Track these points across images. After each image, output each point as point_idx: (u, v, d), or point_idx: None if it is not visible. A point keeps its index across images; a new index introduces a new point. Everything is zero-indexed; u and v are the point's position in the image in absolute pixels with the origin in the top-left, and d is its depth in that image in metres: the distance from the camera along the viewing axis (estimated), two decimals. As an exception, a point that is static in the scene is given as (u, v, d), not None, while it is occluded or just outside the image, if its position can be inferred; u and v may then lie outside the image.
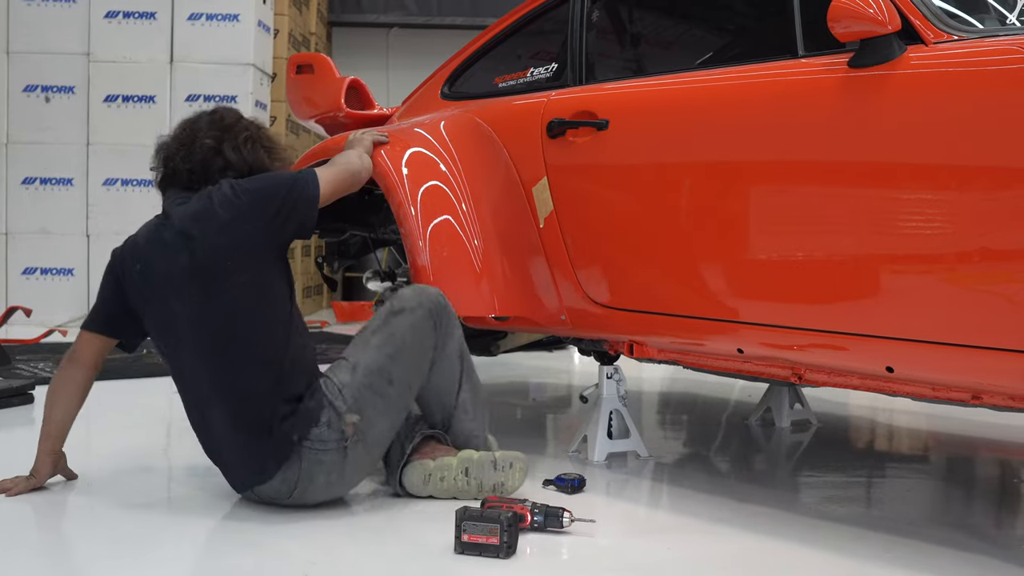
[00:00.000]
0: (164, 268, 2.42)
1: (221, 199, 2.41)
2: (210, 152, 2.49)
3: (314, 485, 2.38)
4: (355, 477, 2.47)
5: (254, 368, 2.37)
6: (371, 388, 2.42)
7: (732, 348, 2.53)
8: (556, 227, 2.87)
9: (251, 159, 2.53)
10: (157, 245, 2.46)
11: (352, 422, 2.38)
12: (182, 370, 2.46)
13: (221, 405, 2.38)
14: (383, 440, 2.47)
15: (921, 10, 2.18)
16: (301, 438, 2.35)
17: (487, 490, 2.46)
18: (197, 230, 2.40)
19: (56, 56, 6.49)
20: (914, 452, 3.42)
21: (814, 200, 2.29)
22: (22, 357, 4.79)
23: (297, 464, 2.35)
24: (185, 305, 2.39)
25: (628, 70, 3.14)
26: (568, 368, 5.24)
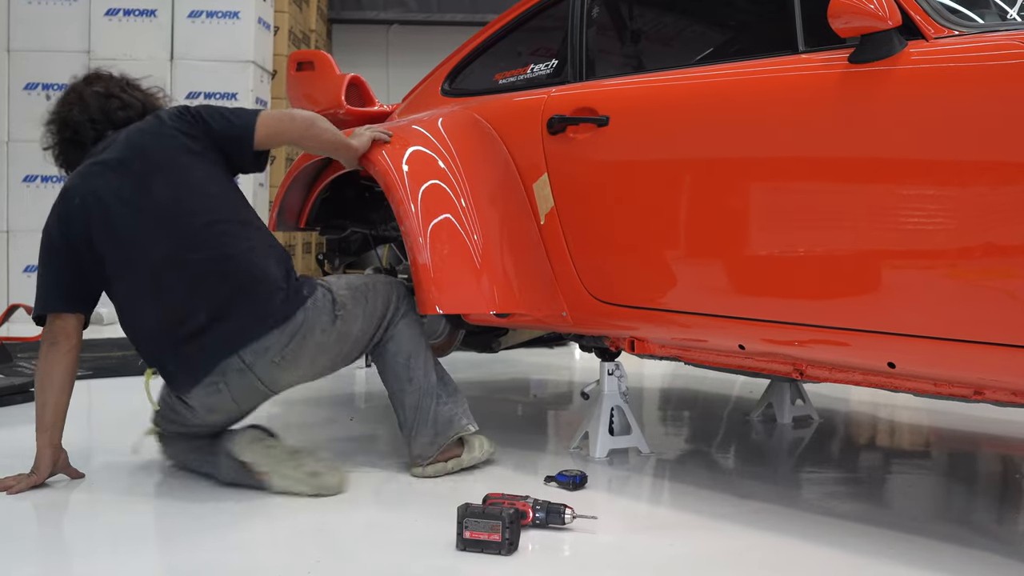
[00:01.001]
0: (116, 185, 2.54)
1: (166, 115, 2.63)
2: (102, 98, 2.67)
3: (310, 340, 2.56)
4: (331, 354, 2.65)
5: (246, 238, 2.57)
6: (355, 293, 2.69)
7: (733, 344, 2.53)
8: (557, 223, 2.87)
9: (140, 96, 2.74)
10: (101, 176, 2.56)
11: (343, 303, 2.64)
12: (159, 277, 2.53)
13: (218, 275, 2.51)
14: (356, 343, 2.70)
15: (921, 5, 2.18)
16: (308, 292, 2.58)
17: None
18: (146, 139, 2.59)
19: (57, 54, 6.49)
20: (916, 448, 3.42)
21: (815, 196, 2.29)
22: (23, 355, 4.79)
23: (301, 316, 2.54)
24: (155, 204, 2.53)
25: (628, 66, 3.13)
26: (569, 365, 5.24)
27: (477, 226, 2.96)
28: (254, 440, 2.58)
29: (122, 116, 2.66)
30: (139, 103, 2.72)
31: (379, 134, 3.00)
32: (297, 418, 3.59)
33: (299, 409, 3.73)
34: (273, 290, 2.54)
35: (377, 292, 2.75)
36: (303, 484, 2.51)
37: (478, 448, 2.78)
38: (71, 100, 2.70)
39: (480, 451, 2.78)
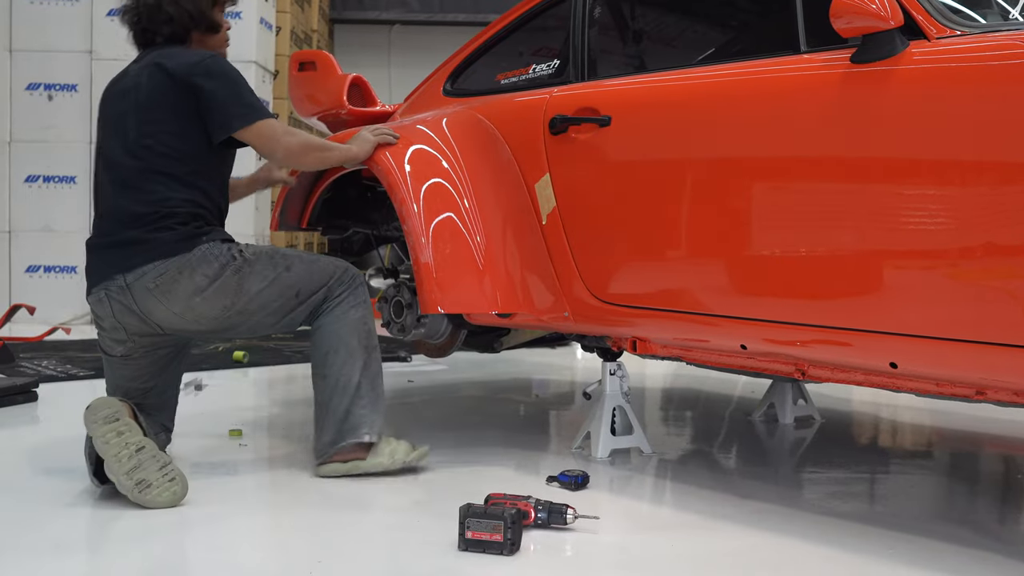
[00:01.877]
0: (129, 83, 2.73)
1: (188, 59, 2.67)
2: (153, 9, 2.74)
3: (186, 278, 2.57)
4: (205, 305, 2.61)
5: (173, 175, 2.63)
6: (271, 257, 2.68)
7: (735, 344, 2.53)
8: (559, 223, 2.87)
9: (191, 8, 2.76)
10: (118, 82, 2.81)
11: (245, 255, 2.64)
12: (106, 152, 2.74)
13: (145, 193, 2.61)
14: (258, 306, 2.65)
15: (924, 5, 2.17)
16: (207, 240, 2.62)
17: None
18: (152, 68, 2.67)
19: (59, 54, 6.49)
20: (918, 448, 3.42)
21: (817, 196, 2.29)
22: (26, 355, 4.79)
23: (183, 257, 2.58)
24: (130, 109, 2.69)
25: (630, 66, 3.13)
26: (571, 365, 5.24)
27: (479, 226, 2.97)
28: (109, 418, 2.48)
29: (168, 29, 2.77)
30: (187, 16, 2.77)
31: (384, 136, 3.00)
32: (300, 416, 3.59)
33: (301, 410, 3.73)
34: (170, 226, 2.59)
35: (307, 269, 2.71)
36: (128, 492, 2.39)
37: (387, 455, 2.68)
38: (128, 4, 2.82)
39: (389, 459, 2.68)
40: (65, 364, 4.60)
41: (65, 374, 4.34)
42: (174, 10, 2.74)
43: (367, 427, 2.67)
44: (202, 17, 2.79)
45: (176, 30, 2.76)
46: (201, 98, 2.63)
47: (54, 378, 4.22)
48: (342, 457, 2.67)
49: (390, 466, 2.68)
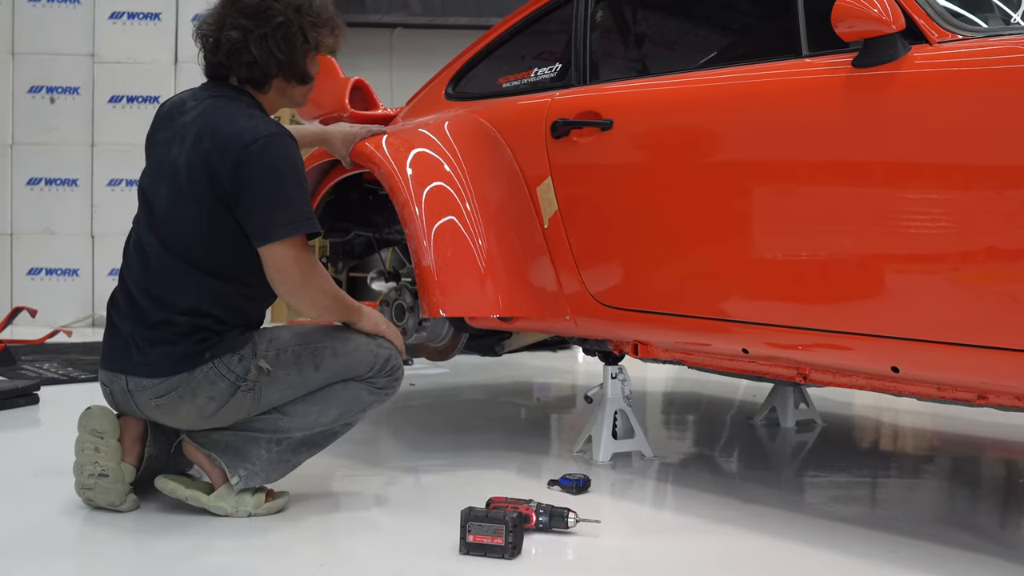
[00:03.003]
0: (168, 138, 2.43)
1: (233, 138, 2.30)
2: (236, 45, 2.38)
3: (187, 403, 2.33)
4: (219, 420, 2.38)
5: (201, 275, 2.34)
6: (296, 358, 2.39)
7: (737, 348, 2.53)
8: (560, 227, 2.87)
9: (282, 56, 2.40)
10: (174, 118, 2.45)
11: (261, 367, 2.35)
12: (138, 237, 2.45)
13: (154, 289, 2.35)
14: (267, 407, 2.41)
15: (925, 10, 2.17)
16: (212, 357, 2.33)
17: None
18: (199, 131, 2.35)
19: (61, 57, 6.50)
20: (919, 452, 3.41)
21: (819, 200, 2.29)
22: (27, 358, 4.80)
23: (182, 378, 2.31)
24: (168, 187, 2.39)
25: (632, 70, 3.13)
26: (572, 368, 5.24)
27: (481, 229, 2.97)
28: (95, 432, 2.40)
29: (249, 72, 2.41)
30: (274, 63, 2.39)
31: (358, 131, 2.92)
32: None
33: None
34: (168, 338, 2.33)
35: (342, 364, 2.43)
36: (78, 489, 2.39)
37: (233, 504, 2.38)
38: (212, 26, 2.43)
39: (233, 508, 2.38)
40: (67, 367, 4.60)
41: (66, 377, 4.34)
42: (261, 54, 2.38)
43: (249, 471, 2.38)
44: (294, 68, 2.44)
45: (256, 75, 2.42)
46: (244, 199, 2.31)
47: (55, 381, 4.22)
48: (199, 474, 2.47)
49: (232, 513, 2.37)
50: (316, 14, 2.45)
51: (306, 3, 2.44)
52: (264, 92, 2.46)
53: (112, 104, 6.50)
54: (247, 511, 2.38)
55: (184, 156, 2.36)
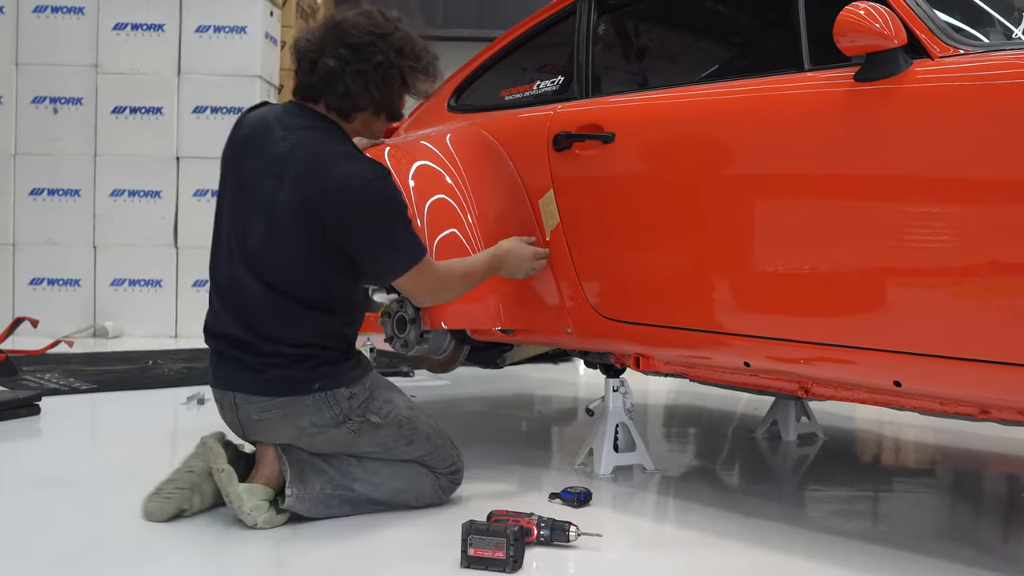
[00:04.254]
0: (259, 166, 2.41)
1: (340, 185, 2.31)
2: (331, 74, 2.38)
3: (289, 423, 2.39)
4: (311, 445, 2.43)
5: (305, 310, 2.39)
6: (399, 427, 2.49)
7: (739, 361, 2.53)
8: (562, 239, 2.87)
9: (377, 94, 2.41)
10: (263, 142, 2.42)
11: (372, 421, 2.44)
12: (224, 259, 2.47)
13: (259, 326, 2.38)
14: (353, 452, 2.48)
15: (927, 24, 2.18)
16: (322, 388, 2.39)
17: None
18: (301, 171, 2.34)
19: (65, 68, 6.52)
20: (921, 466, 3.41)
21: (821, 213, 2.29)
22: (29, 368, 4.80)
23: (296, 399, 2.37)
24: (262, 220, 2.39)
25: (634, 83, 3.14)
26: (573, 380, 5.24)
27: (483, 242, 2.97)
28: (216, 441, 2.44)
29: (340, 101, 2.41)
30: (367, 99, 2.40)
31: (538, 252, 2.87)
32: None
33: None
34: (279, 363, 2.38)
35: (427, 449, 2.52)
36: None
37: (248, 511, 2.36)
38: (312, 48, 2.41)
39: (249, 517, 2.35)
40: (68, 377, 4.60)
41: (68, 387, 4.34)
42: (356, 89, 2.38)
43: (299, 496, 2.39)
44: (386, 106, 2.46)
45: (345, 106, 2.42)
46: (354, 243, 2.37)
47: (56, 391, 4.22)
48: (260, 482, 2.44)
49: (245, 512, 2.35)
50: (417, 57, 2.46)
51: (408, 45, 2.45)
52: (349, 122, 2.47)
53: (115, 115, 6.52)
54: (255, 520, 2.35)
55: (284, 195, 2.35)
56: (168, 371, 4.94)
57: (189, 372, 4.89)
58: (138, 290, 6.55)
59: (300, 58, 2.44)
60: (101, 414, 3.98)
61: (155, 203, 6.55)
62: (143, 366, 5.10)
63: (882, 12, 2.13)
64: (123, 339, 6.41)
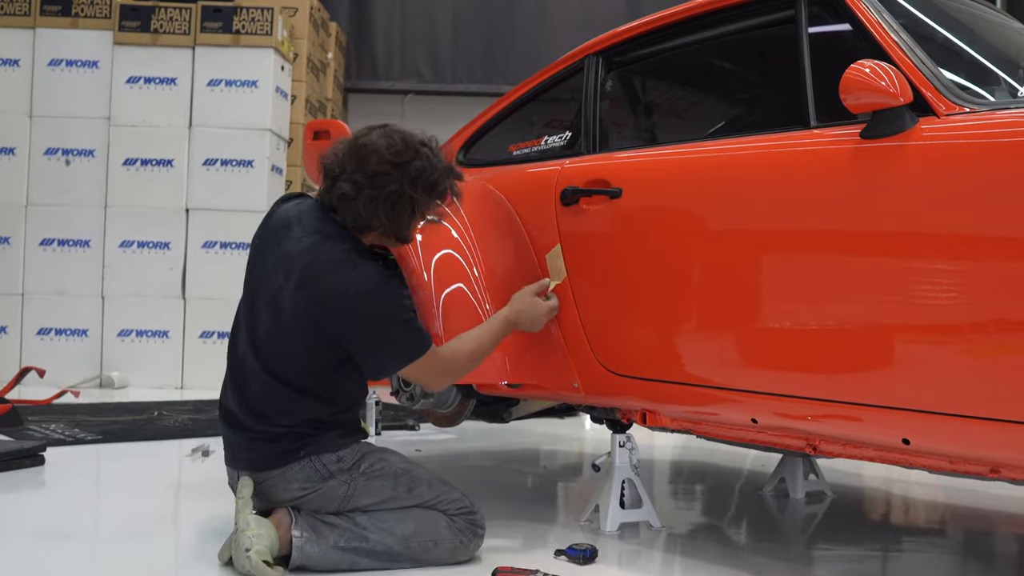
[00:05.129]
0: (273, 260, 2.51)
1: (335, 291, 2.40)
2: (345, 198, 2.47)
3: (280, 490, 2.47)
4: (309, 504, 2.48)
5: (301, 397, 2.47)
6: (396, 477, 2.51)
7: (746, 418, 2.51)
8: (569, 294, 2.87)
9: (386, 220, 2.49)
10: (283, 238, 2.52)
11: (363, 473, 2.48)
12: (240, 348, 2.57)
13: (255, 404, 2.49)
14: (354, 507, 2.50)
15: (933, 83, 2.19)
16: (307, 454, 2.46)
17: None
18: (303, 276, 2.43)
19: (78, 120, 6.59)
20: (931, 525, 3.37)
21: (828, 269, 2.28)
22: (34, 418, 4.79)
23: (283, 470, 2.46)
24: (268, 313, 2.50)
25: (641, 139, 3.16)
26: (579, 435, 5.21)
27: (490, 296, 2.97)
28: (248, 488, 2.47)
29: (353, 221, 2.50)
30: (377, 224, 2.50)
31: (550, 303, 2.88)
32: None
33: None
34: (269, 437, 2.47)
35: (432, 493, 2.53)
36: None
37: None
38: (335, 168, 2.50)
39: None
40: (73, 428, 4.59)
41: (72, 438, 4.32)
42: (367, 214, 2.47)
43: (309, 539, 2.41)
44: (395, 231, 2.54)
45: (358, 225, 2.51)
46: (351, 345, 2.45)
47: (62, 442, 4.21)
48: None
49: (246, 548, 2.33)
50: (431, 186, 2.52)
51: (425, 175, 2.49)
52: (363, 236, 2.55)
53: (126, 167, 6.57)
54: (251, 544, 2.31)
55: (288, 293, 2.45)
56: (173, 422, 4.92)
57: (194, 423, 4.88)
58: (145, 341, 6.56)
59: (324, 173, 2.54)
60: (105, 465, 3.96)
61: (164, 254, 6.58)
62: (148, 417, 5.08)
63: (888, 70, 2.14)
64: (129, 390, 6.40)
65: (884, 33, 2.30)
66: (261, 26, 6.65)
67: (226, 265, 6.52)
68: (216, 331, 6.53)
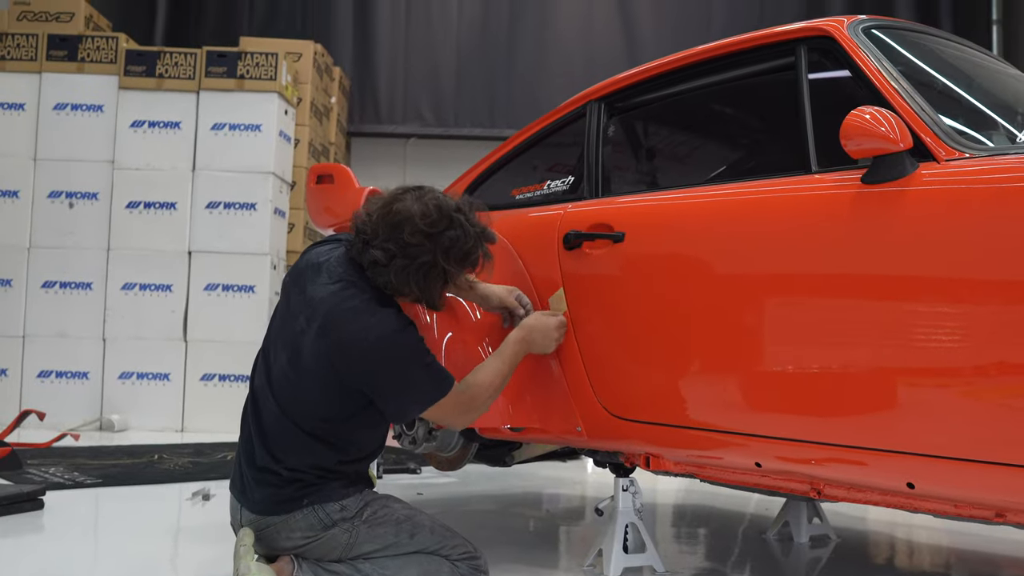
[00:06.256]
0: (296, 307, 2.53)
1: (355, 338, 2.40)
2: (376, 264, 2.46)
3: (283, 538, 2.47)
4: (311, 553, 2.48)
5: (310, 440, 2.47)
6: (398, 523, 2.51)
7: (750, 462, 2.51)
8: (572, 338, 2.87)
9: (417, 289, 2.49)
10: (309, 282, 2.52)
11: (365, 520, 2.48)
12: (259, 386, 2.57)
13: (267, 441, 2.49)
14: (357, 554, 2.50)
15: (932, 129, 2.22)
16: (310, 503, 2.46)
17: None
18: (324, 323, 2.43)
19: (81, 163, 6.63)
20: (935, 569, 3.34)
21: (830, 314, 2.29)
22: (33, 461, 4.77)
23: (286, 517, 2.46)
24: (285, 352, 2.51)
25: (643, 183, 3.18)
26: (582, 479, 5.18)
27: (491, 340, 2.97)
28: (249, 536, 2.47)
29: (383, 283, 2.48)
30: (408, 290, 2.49)
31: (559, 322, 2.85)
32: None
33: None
34: (270, 482, 2.48)
35: (435, 539, 2.53)
36: None
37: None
38: (367, 230, 2.48)
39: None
40: (73, 471, 4.57)
41: (72, 482, 4.30)
42: (398, 282, 2.46)
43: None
44: (425, 297, 2.53)
45: (390, 291, 2.50)
46: (373, 391, 2.45)
47: (61, 486, 4.19)
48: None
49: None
50: (463, 256, 2.51)
51: (458, 244, 2.48)
52: (392, 297, 2.53)
53: (129, 209, 6.60)
54: None
55: (309, 339, 2.45)
56: (174, 466, 4.90)
57: (195, 467, 4.86)
58: (146, 384, 6.55)
59: (356, 232, 2.53)
60: (105, 509, 3.94)
61: (166, 297, 6.59)
62: (148, 460, 5.07)
63: (887, 116, 2.17)
64: (129, 432, 6.38)
65: (884, 80, 2.33)
66: (265, 71, 6.72)
67: (228, 308, 6.54)
68: (217, 374, 6.52)
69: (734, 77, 2.77)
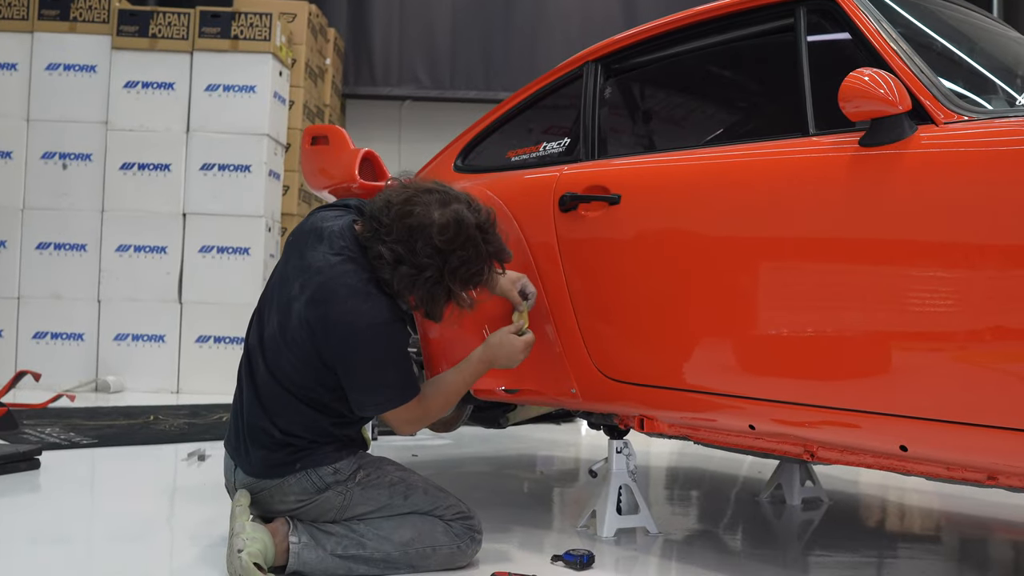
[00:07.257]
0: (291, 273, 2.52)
1: (343, 320, 2.39)
2: (382, 260, 2.43)
3: (277, 501, 2.49)
4: (306, 515, 2.50)
5: (299, 404, 2.48)
6: (391, 485, 2.51)
7: (744, 424, 2.51)
8: (567, 300, 2.87)
9: (420, 301, 2.47)
10: (309, 248, 2.50)
11: (358, 483, 2.49)
12: (251, 351, 2.58)
13: (261, 400, 2.50)
14: (351, 516, 2.50)
15: (931, 91, 2.20)
16: (303, 467, 2.47)
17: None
18: (316, 294, 2.42)
19: (75, 124, 6.59)
20: (927, 532, 3.37)
21: (826, 277, 2.29)
22: (29, 422, 4.78)
23: (280, 481, 2.47)
24: (275, 315, 2.52)
25: (640, 146, 3.17)
26: (576, 441, 5.21)
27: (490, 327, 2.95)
28: (245, 498, 2.48)
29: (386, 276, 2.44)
30: (409, 296, 2.48)
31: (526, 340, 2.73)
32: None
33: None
34: (263, 444, 2.48)
35: (428, 499, 2.53)
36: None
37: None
38: (378, 227, 2.44)
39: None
40: (68, 432, 4.58)
41: (68, 442, 4.31)
42: (400, 287, 2.44)
43: (307, 545, 2.42)
44: (426, 307, 2.50)
45: (391, 291, 2.47)
46: (343, 375, 2.45)
47: (57, 446, 4.20)
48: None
49: (239, 549, 2.30)
50: (468, 276, 2.48)
51: (466, 265, 2.46)
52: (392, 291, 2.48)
53: (123, 171, 6.57)
54: (243, 545, 2.30)
55: (299, 305, 2.44)
56: (169, 427, 4.92)
57: (190, 428, 4.87)
58: (141, 345, 6.55)
59: (369, 217, 2.48)
60: (101, 469, 3.96)
61: (160, 259, 6.57)
62: (144, 421, 5.08)
63: (886, 78, 2.15)
64: (125, 394, 6.39)
65: (883, 41, 2.31)
66: (259, 31, 6.66)
67: (223, 270, 6.53)
68: (213, 335, 6.53)
69: (732, 39, 2.75)
